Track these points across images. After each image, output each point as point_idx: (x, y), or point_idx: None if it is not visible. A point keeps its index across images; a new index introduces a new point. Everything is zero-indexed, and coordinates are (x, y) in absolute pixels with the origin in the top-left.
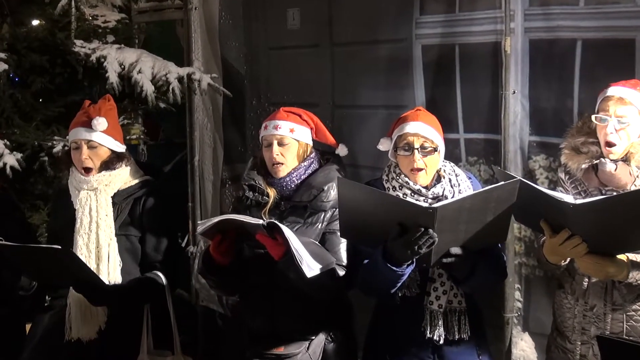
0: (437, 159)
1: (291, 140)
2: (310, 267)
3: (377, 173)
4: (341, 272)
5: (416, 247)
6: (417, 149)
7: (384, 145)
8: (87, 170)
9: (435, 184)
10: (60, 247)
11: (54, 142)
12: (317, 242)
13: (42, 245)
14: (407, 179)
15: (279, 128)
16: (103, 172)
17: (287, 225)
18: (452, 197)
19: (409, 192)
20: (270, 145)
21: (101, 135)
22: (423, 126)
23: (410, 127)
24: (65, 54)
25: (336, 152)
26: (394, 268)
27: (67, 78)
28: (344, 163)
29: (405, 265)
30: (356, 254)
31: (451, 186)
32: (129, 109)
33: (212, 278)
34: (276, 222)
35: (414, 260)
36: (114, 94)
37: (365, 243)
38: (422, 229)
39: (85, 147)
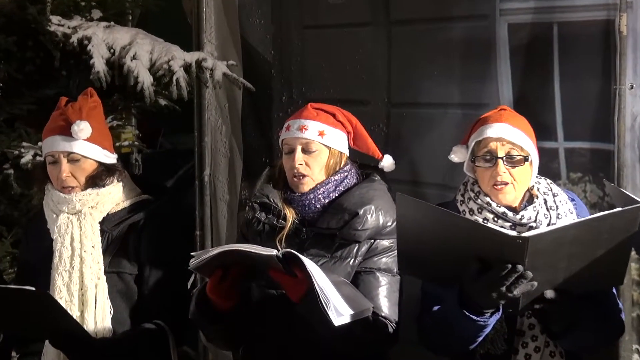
0: (527, 172)
1: (320, 146)
2: (340, 312)
3: (447, 194)
4: (385, 325)
5: (504, 289)
6: (502, 158)
7: (459, 155)
8: (69, 189)
9: (525, 206)
10: (33, 288)
11: (22, 151)
12: (348, 282)
13: (9, 286)
14: (488, 199)
15: (306, 130)
16: (89, 190)
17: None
18: (548, 223)
19: (490, 215)
20: (292, 151)
21: (85, 145)
22: (509, 129)
23: (493, 131)
24: (37, 34)
25: (379, 166)
26: (475, 317)
27: (39, 65)
28: (387, 179)
29: (489, 314)
30: (425, 296)
31: (547, 209)
32: (120, 106)
33: (209, 326)
34: (295, 252)
35: (500, 306)
36: (100, 86)
37: (430, 279)
38: (509, 266)
39: (64, 161)
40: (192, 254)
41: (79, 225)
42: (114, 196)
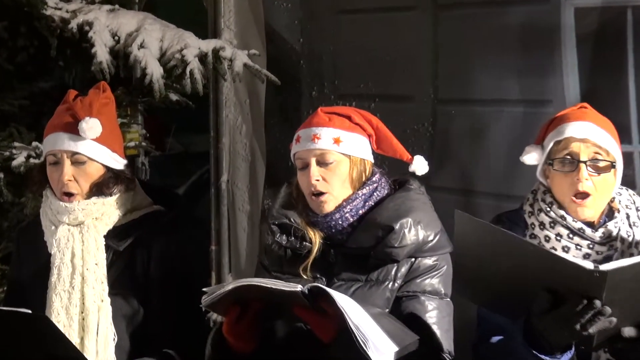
0: (611, 182)
1: (337, 156)
2: (381, 351)
3: (504, 205)
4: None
5: (579, 327)
6: (585, 162)
7: (533, 156)
8: (70, 195)
9: (605, 221)
10: (29, 310)
11: (13, 152)
12: (387, 313)
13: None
14: (563, 212)
15: (318, 139)
16: (93, 199)
17: (339, 288)
18: (631, 242)
19: (565, 231)
20: (306, 166)
21: (92, 145)
22: (595, 129)
23: (576, 130)
24: (31, 18)
25: (410, 169)
26: (543, 357)
27: (33, 55)
28: (426, 187)
29: (560, 353)
30: (483, 323)
31: (629, 225)
32: (125, 102)
33: None
34: (323, 286)
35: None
36: (103, 79)
37: (492, 309)
38: (585, 301)
39: (68, 163)
40: (204, 289)
41: (81, 239)
42: (121, 206)
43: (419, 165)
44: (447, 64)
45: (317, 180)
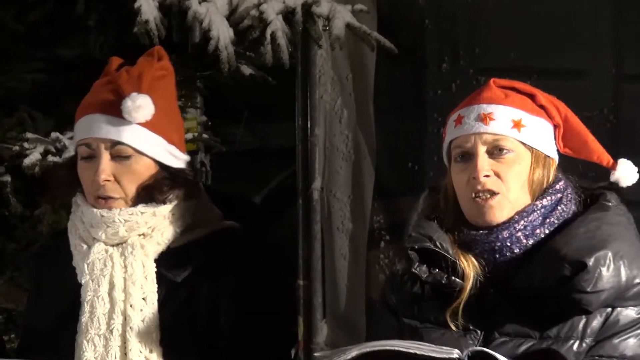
0: None
1: (517, 145)
2: None
3: None
4: None
5: None
6: None
7: None
8: (108, 200)
9: None
10: None
11: (24, 146)
12: None
13: None
14: None
15: (492, 120)
16: (140, 207)
17: (504, 347)
18: None
19: None
20: (470, 157)
21: (141, 132)
22: None
23: None
24: None
25: (611, 179)
26: None
27: (51, 12)
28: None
29: None
30: None
31: None
32: (179, 77)
33: None
34: (491, 352)
35: None
36: (149, 44)
37: None
38: None
39: (106, 156)
40: (316, 355)
41: (123, 264)
42: (178, 220)
43: (626, 173)
44: (634, 30)
45: (487, 175)
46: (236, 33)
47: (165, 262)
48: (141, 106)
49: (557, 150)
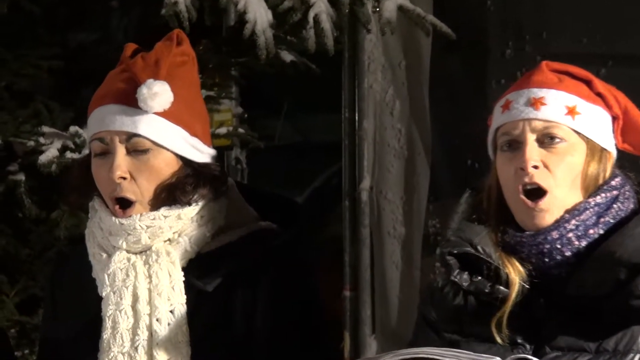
0: None
1: (571, 134)
2: None
3: None
4: None
5: None
6: None
7: None
8: (126, 205)
9: None
10: None
11: (40, 141)
12: None
13: None
14: None
15: (543, 105)
16: (163, 210)
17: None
18: None
19: None
20: (518, 145)
21: (160, 123)
22: None
23: None
24: None
25: None
26: None
27: None
28: None
29: None
30: None
31: None
32: (212, 64)
33: None
34: (530, 357)
35: None
36: (179, 27)
37: None
38: None
39: (121, 151)
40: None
41: (147, 273)
42: (207, 222)
43: None
44: None
45: (536, 167)
46: (275, 15)
47: (195, 269)
48: (158, 93)
49: (615, 145)
